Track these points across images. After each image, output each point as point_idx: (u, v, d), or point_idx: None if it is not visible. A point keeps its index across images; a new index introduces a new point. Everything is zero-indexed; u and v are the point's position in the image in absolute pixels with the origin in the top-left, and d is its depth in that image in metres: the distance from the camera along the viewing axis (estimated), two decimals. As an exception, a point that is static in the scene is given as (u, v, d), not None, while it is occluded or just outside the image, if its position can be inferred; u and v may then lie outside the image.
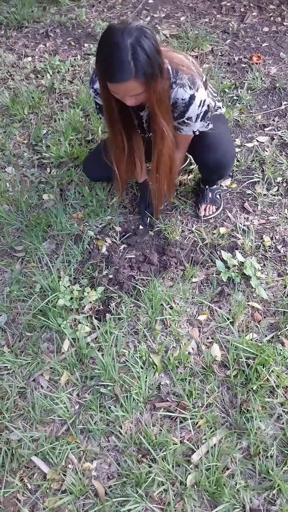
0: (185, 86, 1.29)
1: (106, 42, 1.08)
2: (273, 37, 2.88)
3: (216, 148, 1.54)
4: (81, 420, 1.37)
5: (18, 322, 1.63)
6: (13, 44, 3.01)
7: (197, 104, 1.34)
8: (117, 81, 1.11)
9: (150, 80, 1.13)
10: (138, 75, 1.09)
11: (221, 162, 1.58)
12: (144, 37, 1.07)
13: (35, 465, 1.30)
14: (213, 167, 1.60)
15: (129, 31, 1.06)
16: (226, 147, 1.58)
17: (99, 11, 3.25)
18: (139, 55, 1.07)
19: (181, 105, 1.33)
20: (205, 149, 1.55)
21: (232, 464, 1.26)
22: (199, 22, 3.03)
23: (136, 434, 1.32)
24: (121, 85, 1.12)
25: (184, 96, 1.30)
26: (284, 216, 1.88)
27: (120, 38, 1.05)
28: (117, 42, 1.05)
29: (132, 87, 1.13)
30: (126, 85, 1.12)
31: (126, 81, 1.10)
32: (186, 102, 1.32)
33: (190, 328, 1.56)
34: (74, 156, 2.16)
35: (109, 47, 1.07)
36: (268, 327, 1.55)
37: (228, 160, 1.58)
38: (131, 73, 1.08)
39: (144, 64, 1.08)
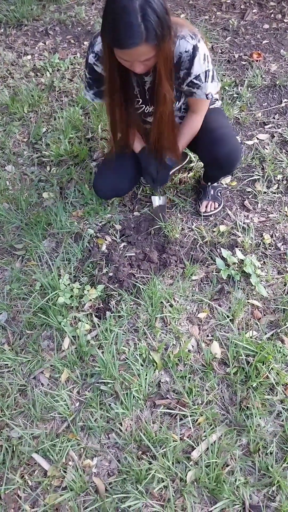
0: (186, 37, 1.23)
1: (113, 7, 1.03)
2: (274, 34, 2.87)
3: (225, 142, 1.51)
4: (82, 418, 1.37)
5: (18, 320, 1.63)
6: (12, 42, 3.00)
7: (201, 57, 1.28)
8: (128, 46, 1.06)
9: (160, 41, 1.09)
10: (149, 38, 1.05)
11: (231, 156, 1.54)
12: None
13: (35, 462, 1.31)
14: (223, 161, 1.55)
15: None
16: (235, 141, 1.54)
17: (99, 8, 3.25)
18: (149, 16, 1.02)
19: (186, 59, 1.27)
20: (214, 143, 1.51)
21: (231, 461, 1.26)
22: (199, 19, 3.02)
23: (136, 431, 1.32)
24: (132, 50, 1.07)
25: (187, 48, 1.25)
26: (284, 214, 1.88)
27: (129, 2, 1.00)
28: (125, 5, 1.00)
29: (144, 51, 1.09)
30: (137, 49, 1.07)
31: (138, 45, 1.05)
32: (190, 53, 1.26)
33: (190, 326, 1.56)
34: (74, 154, 2.16)
35: (117, 11, 1.02)
36: (268, 325, 1.55)
37: (238, 154, 1.55)
38: (142, 36, 1.04)
39: (155, 26, 1.04)
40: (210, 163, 1.64)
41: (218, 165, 1.60)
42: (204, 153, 1.57)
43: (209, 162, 1.64)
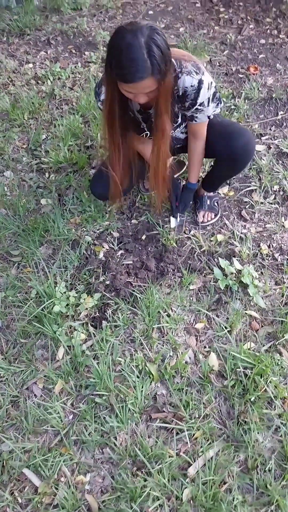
0: (191, 73, 1.30)
1: (119, 44, 1.09)
2: (270, 49, 2.92)
3: (242, 133, 1.54)
4: (75, 431, 1.33)
5: (12, 328, 1.60)
6: (14, 50, 3.02)
7: (206, 87, 1.35)
8: (134, 80, 1.12)
9: (163, 75, 1.15)
10: (154, 72, 1.11)
11: (248, 146, 1.55)
12: (156, 34, 1.09)
13: (26, 478, 1.26)
14: (240, 152, 1.56)
15: (141, 31, 1.08)
16: (249, 134, 1.57)
17: (100, 20, 3.28)
18: (154, 52, 1.08)
19: (191, 92, 1.34)
20: (231, 136, 1.54)
21: (229, 478, 1.22)
22: (197, 33, 3.06)
23: (131, 446, 1.28)
24: (137, 84, 1.14)
25: (192, 83, 1.32)
26: (281, 224, 1.87)
27: (134, 38, 1.07)
28: (131, 43, 1.07)
29: (148, 84, 1.15)
30: (142, 83, 1.13)
31: (144, 79, 1.12)
32: (196, 87, 1.33)
33: (187, 337, 1.54)
34: (73, 162, 2.15)
35: (123, 47, 1.08)
36: (265, 336, 1.53)
37: (253, 145, 1.57)
38: (148, 71, 1.10)
39: (159, 61, 1.10)
40: (224, 157, 1.62)
41: (234, 157, 1.58)
42: (219, 147, 1.57)
43: (225, 155, 1.61)
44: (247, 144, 1.54)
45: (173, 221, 1.86)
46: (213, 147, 1.65)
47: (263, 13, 3.27)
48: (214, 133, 1.58)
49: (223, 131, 1.56)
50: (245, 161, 1.61)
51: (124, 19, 3.28)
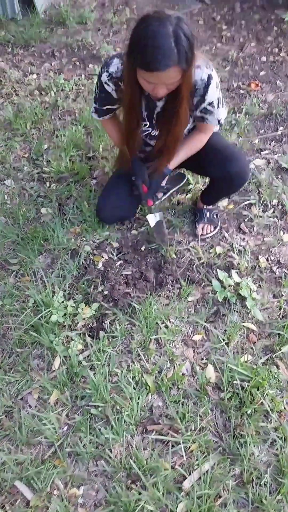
0: (201, 66, 1.28)
1: (146, 31, 1.06)
2: (271, 66, 2.98)
3: (238, 159, 1.56)
4: (69, 443, 1.32)
5: (8, 337, 1.59)
6: (19, 61, 3.07)
7: (214, 85, 1.33)
8: (161, 68, 1.09)
9: (189, 65, 1.13)
10: (180, 61, 1.09)
11: (242, 172, 1.58)
12: (183, 23, 1.08)
13: (18, 491, 1.23)
14: (235, 177, 1.59)
15: (169, 19, 1.06)
16: (245, 158, 1.60)
17: (105, 34, 3.35)
18: (182, 41, 1.06)
19: (201, 86, 1.32)
20: (227, 160, 1.55)
21: (224, 492, 1.21)
22: (200, 50, 3.12)
23: (126, 458, 1.27)
24: (162, 73, 1.10)
25: (202, 76, 1.29)
26: (279, 238, 1.89)
27: (162, 26, 1.05)
28: (159, 30, 1.05)
29: (173, 74, 1.13)
30: (167, 72, 1.11)
31: (170, 67, 1.09)
32: (205, 82, 1.31)
33: (184, 348, 1.53)
34: (74, 172, 2.17)
35: (150, 35, 1.05)
36: (263, 349, 1.53)
37: (248, 171, 1.59)
38: (175, 59, 1.08)
39: (186, 50, 1.08)
40: (221, 180, 1.65)
41: (229, 181, 1.62)
42: (216, 170, 1.59)
43: (220, 179, 1.65)
44: (241, 171, 1.56)
45: (151, 218, 1.78)
46: (208, 169, 1.67)
47: (264, 32, 3.34)
48: (209, 154, 1.59)
49: (218, 155, 1.57)
50: (239, 185, 1.65)
51: (128, 34, 3.34)
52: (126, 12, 3.55)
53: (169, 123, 1.38)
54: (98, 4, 3.72)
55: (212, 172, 1.65)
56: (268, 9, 3.56)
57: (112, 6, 3.69)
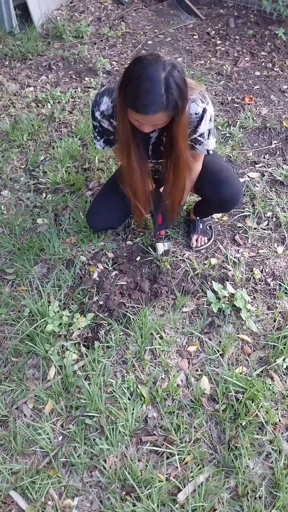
0: (197, 100, 1.31)
1: (139, 74, 1.08)
2: (264, 81, 3.04)
3: (231, 184, 1.59)
4: (64, 453, 1.31)
5: (4, 347, 1.59)
6: (16, 74, 3.11)
7: (208, 118, 1.36)
8: (147, 113, 1.11)
9: (178, 112, 1.15)
10: (168, 108, 1.11)
11: (235, 197, 1.61)
12: (176, 71, 1.09)
13: (12, 501, 1.23)
14: (227, 201, 1.62)
15: (162, 65, 1.07)
16: (239, 183, 1.63)
17: (101, 48, 3.41)
18: (172, 88, 1.08)
19: (195, 119, 1.35)
20: (220, 184, 1.58)
21: (219, 505, 1.21)
22: (195, 64, 3.19)
23: (120, 469, 1.27)
24: (149, 116, 1.13)
25: (197, 110, 1.32)
26: (273, 250, 1.91)
27: (155, 71, 1.06)
28: (151, 75, 1.06)
29: (159, 118, 1.15)
30: (154, 117, 1.13)
31: (156, 113, 1.11)
32: (200, 115, 1.34)
33: (179, 359, 1.54)
34: (71, 183, 2.19)
35: (143, 78, 1.07)
36: (257, 361, 1.54)
37: (241, 195, 1.62)
38: (162, 106, 1.10)
39: (175, 98, 1.10)
40: (214, 202, 1.69)
41: (221, 204, 1.67)
42: (209, 193, 1.63)
43: (213, 201, 1.69)
44: (234, 194, 1.60)
45: (159, 247, 1.85)
46: (201, 190, 1.70)
47: (258, 47, 3.41)
48: (204, 176, 1.61)
49: (211, 178, 1.59)
50: (230, 208, 1.69)
51: (123, 48, 3.41)
52: (121, 26, 3.61)
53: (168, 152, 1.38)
54: (94, 18, 3.79)
55: (205, 194, 1.69)
56: (262, 24, 3.64)
57: (108, 20, 3.76)
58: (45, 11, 3.64)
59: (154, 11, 3.94)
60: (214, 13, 3.85)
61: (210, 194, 1.63)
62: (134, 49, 3.38)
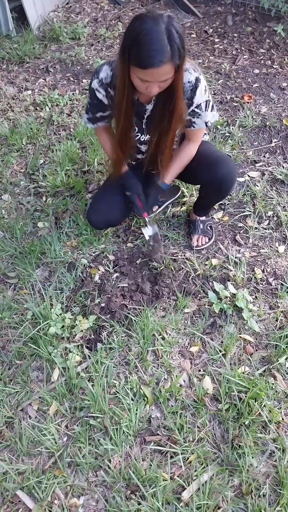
0: (189, 69, 1.32)
1: (139, 30, 1.10)
2: (264, 79, 3.03)
3: (223, 163, 1.59)
4: (69, 453, 1.33)
5: (8, 350, 1.61)
6: (14, 78, 3.12)
7: (202, 88, 1.37)
8: (155, 65, 1.12)
9: (182, 61, 1.17)
10: (174, 57, 1.13)
11: (229, 176, 1.61)
12: (175, 21, 1.12)
13: (20, 500, 1.25)
14: (222, 181, 1.62)
15: (161, 17, 1.11)
16: (231, 162, 1.63)
17: (98, 49, 3.41)
18: (174, 37, 1.10)
19: (188, 89, 1.35)
20: (213, 164, 1.59)
21: (223, 503, 1.22)
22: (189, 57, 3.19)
23: (125, 468, 1.28)
24: (156, 69, 1.13)
25: (190, 79, 1.33)
26: (275, 249, 1.92)
27: (155, 24, 1.09)
28: (152, 28, 1.09)
29: (167, 70, 1.16)
30: (162, 69, 1.14)
31: (164, 63, 1.12)
32: (193, 84, 1.35)
33: (181, 360, 1.55)
34: (70, 186, 2.20)
35: (144, 33, 1.09)
36: (260, 360, 1.55)
37: (235, 174, 1.62)
38: (168, 56, 1.11)
39: (179, 45, 1.12)
40: (208, 185, 1.68)
41: (216, 185, 1.65)
42: (203, 175, 1.63)
43: (207, 184, 1.69)
44: (228, 173, 1.60)
45: (146, 231, 1.80)
46: (196, 175, 1.70)
47: (257, 44, 3.40)
48: (197, 160, 1.63)
49: (206, 160, 1.60)
50: (228, 188, 1.67)
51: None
52: (118, 27, 3.62)
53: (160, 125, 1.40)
54: (91, 19, 3.79)
55: (201, 177, 1.68)
56: (260, 21, 3.63)
57: (105, 21, 3.76)
58: (41, 13, 3.65)
59: (151, 11, 3.94)
60: (212, 11, 3.84)
61: (205, 176, 1.63)
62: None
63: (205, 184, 1.75)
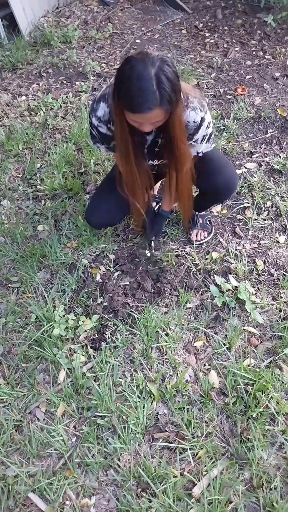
0: (196, 109, 1.33)
1: (129, 74, 1.10)
2: (256, 70, 3.02)
3: (224, 171, 1.60)
4: (79, 453, 1.33)
5: (14, 353, 1.61)
6: (8, 84, 3.13)
7: (205, 125, 1.39)
8: (142, 111, 1.12)
9: (173, 106, 1.16)
10: (163, 104, 1.12)
11: (229, 184, 1.61)
12: (166, 66, 1.10)
13: (32, 502, 1.25)
14: (222, 189, 1.62)
15: (151, 61, 1.08)
16: (233, 170, 1.64)
17: (89, 51, 3.42)
18: (164, 83, 1.09)
19: (192, 127, 1.37)
20: (213, 172, 1.59)
21: (235, 497, 1.22)
22: (184, 58, 3.18)
23: (135, 467, 1.28)
24: (145, 114, 1.14)
25: (196, 119, 1.35)
26: (275, 239, 1.91)
27: (144, 68, 1.08)
28: (141, 73, 1.08)
29: (156, 115, 1.16)
30: (151, 114, 1.14)
31: (152, 110, 1.12)
32: (198, 124, 1.36)
33: (186, 355, 1.55)
34: (68, 188, 2.21)
35: (133, 77, 1.09)
36: (265, 352, 1.54)
37: (236, 182, 1.63)
38: (156, 102, 1.11)
39: (168, 92, 1.11)
40: (209, 191, 1.69)
41: (216, 193, 1.66)
42: (204, 182, 1.62)
43: (207, 191, 1.69)
44: (228, 182, 1.60)
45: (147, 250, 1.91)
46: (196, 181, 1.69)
47: (248, 36, 3.38)
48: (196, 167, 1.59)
49: (205, 167, 1.59)
50: (226, 196, 1.68)
51: (112, 49, 3.42)
52: (109, 27, 3.62)
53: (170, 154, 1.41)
54: (81, 22, 3.80)
55: (200, 184, 1.68)
56: (250, 13, 3.61)
57: (95, 23, 3.77)
58: (32, 19, 3.67)
59: (140, 9, 3.94)
60: (201, 6, 3.83)
61: (205, 184, 1.63)
62: (123, 49, 3.39)
63: (203, 191, 1.75)
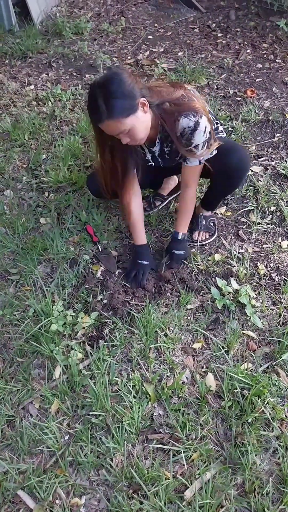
0: (188, 115, 1.40)
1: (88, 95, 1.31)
2: (266, 73, 3.00)
3: (236, 151, 1.62)
4: (71, 452, 1.32)
5: (9, 347, 1.60)
6: (16, 72, 3.10)
7: (201, 130, 1.42)
8: (97, 122, 1.32)
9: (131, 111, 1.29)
10: (113, 114, 1.27)
11: (241, 163, 1.62)
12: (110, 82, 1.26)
13: (20, 500, 1.24)
14: (234, 168, 1.62)
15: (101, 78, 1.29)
16: (244, 150, 1.66)
17: (101, 44, 3.38)
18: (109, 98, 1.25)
19: (187, 132, 1.43)
20: (226, 152, 1.59)
21: (226, 502, 1.21)
22: (196, 58, 3.16)
23: (127, 467, 1.27)
24: (102, 125, 1.32)
25: (189, 124, 1.41)
26: (278, 244, 1.90)
27: (95, 84, 1.28)
28: (91, 90, 1.29)
29: (113, 126, 1.31)
30: (106, 125, 1.31)
31: (103, 122, 1.30)
32: (192, 128, 1.41)
33: (184, 357, 1.54)
34: (73, 181, 2.19)
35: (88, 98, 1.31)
36: (263, 357, 1.53)
37: (247, 161, 1.64)
38: (104, 114, 1.27)
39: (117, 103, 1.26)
40: (221, 173, 1.66)
41: (229, 173, 1.64)
42: (216, 163, 1.62)
43: (220, 172, 1.66)
44: (240, 160, 1.60)
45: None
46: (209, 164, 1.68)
47: (259, 39, 3.37)
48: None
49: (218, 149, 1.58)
50: (240, 177, 1.67)
51: (124, 43, 3.38)
52: (121, 21, 3.59)
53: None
54: (94, 14, 3.76)
55: (213, 166, 1.66)
56: (263, 16, 3.59)
57: (108, 16, 3.73)
58: (44, 8, 3.63)
59: (154, 5, 3.90)
60: (215, 6, 3.80)
61: (215, 167, 1.62)
62: (135, 44, 3.35)
63: (215, 175, 1.72)
